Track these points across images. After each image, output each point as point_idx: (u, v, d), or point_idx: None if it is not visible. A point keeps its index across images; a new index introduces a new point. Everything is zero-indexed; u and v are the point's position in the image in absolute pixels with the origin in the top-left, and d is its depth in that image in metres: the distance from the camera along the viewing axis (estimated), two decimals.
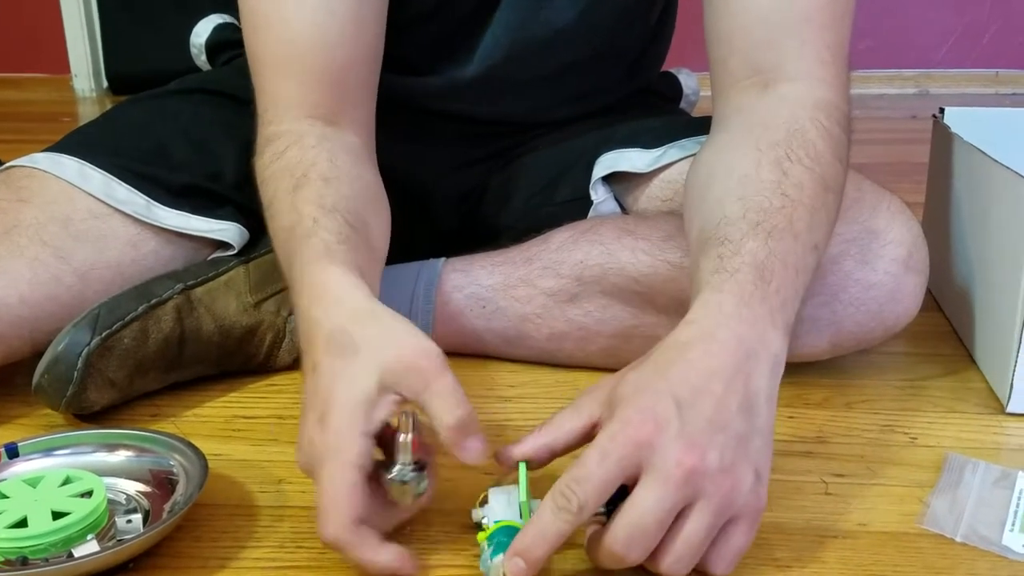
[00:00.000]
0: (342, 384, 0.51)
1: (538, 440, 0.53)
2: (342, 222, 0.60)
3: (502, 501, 0.53)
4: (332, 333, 0.53)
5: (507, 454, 0.54)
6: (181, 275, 0.74)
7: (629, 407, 0.48)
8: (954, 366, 0.79)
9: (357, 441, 0.50)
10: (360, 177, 0.66)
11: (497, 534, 0.51)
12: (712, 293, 0.53)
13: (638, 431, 0.47)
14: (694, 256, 0.59)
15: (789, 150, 0.59)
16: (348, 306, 0.55)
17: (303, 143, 0.65)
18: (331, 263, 0.56)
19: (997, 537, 0.56)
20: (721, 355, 0.50)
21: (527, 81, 0.83)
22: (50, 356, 0.68)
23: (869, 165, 0.74)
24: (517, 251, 0.79)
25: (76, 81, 2.47)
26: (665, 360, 0.51)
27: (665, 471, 0.47)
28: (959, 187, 0.85)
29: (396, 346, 0.52)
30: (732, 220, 0.56)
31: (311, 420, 0.52)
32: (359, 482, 0.49)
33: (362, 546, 0.49)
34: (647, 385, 0.49)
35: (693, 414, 0.48)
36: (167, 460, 0.60)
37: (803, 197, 0.57)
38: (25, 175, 0.76)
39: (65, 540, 0.52)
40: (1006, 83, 2.34)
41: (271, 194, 0.64)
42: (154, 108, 0.86)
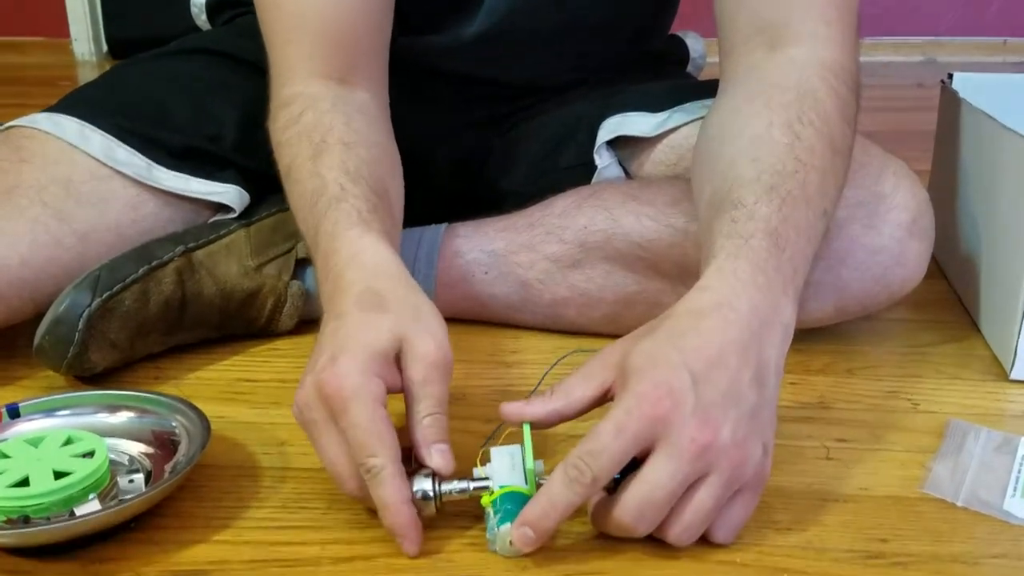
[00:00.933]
0: (366, 330, 0.52)
1: (548, 405, 0.53)
2: (368, 190, 0.60)
3: (505, 463, 0.52)
4: (365, 290, 0.54)
5: (515, 413, 0.53)
6: (182, 237, 0.74)
7: (644, 380, 0.48)
8: (958, 333, 0.79)
9: (376, 381, 0.50)
10: (377, 142, 0.66)
11: (503, 501, 0.50)
12: (727, 259, 0.52)
13: (654, 407, 0.47)
14: (705, 218, 0.58)
15: (800, 112, 0.59)
16: (384, 272, 0.56)
17: (318, 107, 0.65)
18: (367, 231, 0.57)
19: (998, 502, 0.56)
20: (736, 325, 0.50)
21: (531, 42, 0.82)
22: (51, 317, 0.68)
23: (875, 133, 0.73)
24: (520, 216, 0.78)
25: (76, 45, 2.45)
26: (680, 329, 0.50)
27: (680, 447, 0.47)
28: (966, 153, 0.84)
29: (422, 326, 0.53)
30: (745, 182, 0.56)
31: (322, 360, 0.51)
32: (390, 420, 0.50)
33: (402, 485, 0.49)
34: (662, 357, 0.49)
35: (708, 388, 0.48)
36: (169, 421, 0.60)
37: (814, 161, 0.57)
38: (25, 135, 0.76)
39: (67, 499, 0.53)
40: (1014, 51, 2.32)
41: (289, 160, 0.64)
42: (154, 69, 0.85)
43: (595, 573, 0.50)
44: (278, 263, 0.76)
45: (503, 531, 0.49)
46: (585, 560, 0.51)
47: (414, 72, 0.84)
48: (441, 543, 0.52)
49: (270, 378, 0.72)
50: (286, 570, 0.51)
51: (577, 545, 0.52)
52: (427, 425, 0.51)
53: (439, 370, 0.52)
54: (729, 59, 0.67)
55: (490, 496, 0.51)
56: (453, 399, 0.69)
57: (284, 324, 0.78)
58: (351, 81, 0.68)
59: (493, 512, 0.50)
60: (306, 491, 0.57)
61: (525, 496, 0.50)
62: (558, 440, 0.62)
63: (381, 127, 0.68)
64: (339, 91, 0.67)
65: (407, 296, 0.55)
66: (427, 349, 0.52)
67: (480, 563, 0.51)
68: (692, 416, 0.47)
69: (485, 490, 0.52)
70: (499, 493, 0.51)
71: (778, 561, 0.51)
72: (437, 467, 0.51)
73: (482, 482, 0.52)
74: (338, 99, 0.66)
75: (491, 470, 0.52)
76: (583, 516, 0.54)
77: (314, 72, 0.67)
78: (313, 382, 0.51)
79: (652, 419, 0.47)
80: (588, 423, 0.51)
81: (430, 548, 0.52)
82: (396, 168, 0.68)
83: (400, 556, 0.51)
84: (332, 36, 0.67)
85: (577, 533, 0.53)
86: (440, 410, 0.52)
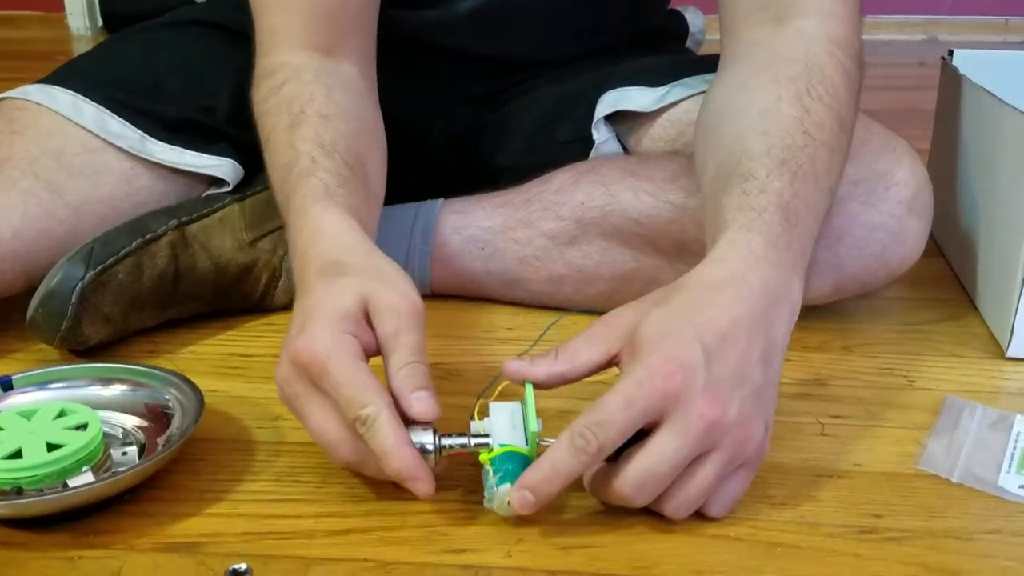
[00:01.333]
0: (328, 297, 0.51)
1: (553, 368, 0.51)
2: (341, 163, 0.59)
3: (504, 421, 0.52)
4: (327, 262, 0.54)
5: (518, 371, 0.52)
6: (175, 211, 0.73)
7: (656, 353, 0.47)
8: (955, 311, 0.79)
9: (348, 338, 0.50)
10: (358, 115, 0.65)
11: (503, 460, 0.50)
12: (741, 232, 0.52)
13: (665, 382, 0.46)
14: (712, 191, 0.57)
15: (809, 85, 0.58)
16: (346, 243, 0.55)
17: (300, 77, 0.64)
18: (331, 205, 0.56)
19: (993, 478, 0.56)
20: (749, 302, 0.49)
21: (527, 16, 0.81)
22: (44, 290, 0.67)
23: (876, 111, 0.72)
24: (517, 192, 0.78)
25: (71, 19, 2.43)
26: (693, 302, 0.49)
27: (687, 423, 0.47)
28: (966, 130, 0.83)
29: (388, 286, 0.52)
30: (756, 155, 0.55)
31: (291, 334, 0.51)
32: (371, 371, 0.49)
33: (400, 428, 0.48)
34: (674, 330, 0.48)
35: (718, 365, 0.47)
36: (163, 394, 0.60)
37: (823, 137, 0.56)
38: (18, 107, 0.75)
39: (60, 471, 0.52)
40: (1016, 31, 2.30)
41: (268, 130, 0.64)
42: (148, 41, 0.84)
43: (591, 547, 0.50)
44: (273, 237, 0.76)
45: (502, 491, 0.49)
46: (581, 534, 0.51)
47: (409, 47, 0.83)
48: (435, 516, 0.52)
49: (264, 353, 0.72)
50: (280, 543, 0.51)
51: (573, 519, 0.52)
52: (404, 375, 0.50)
53: (408, 319, 0.51)
54: (731, 34, 0.66)
55: (489, 453, 0.50)
56: (448, 375, 0.69)
57: (279, 299, 0.77)
58: (337, 53, 0.67)
59: (492, 471, 0.50)
60: (300, 465, 0.57)
61: (525, 457, 0.50)
62: (550, 416, 0.62)
63: (365, 101, 0.68)
64: (324, 63, 0.66)
65: (368, 259, 0.54)
66: (392, 301, 0.52)
67: (475, 536, 0.51)
68: (702, 393, 0.47)
69: (485, 447, 0.51)
70: (499, 452, 0.50)
71: (772, 536, 0.51)
72: (419, 415, 0.50)
73: (482, 438, 0.51)
74: (322, 71, 0.65)
75: (490, 426, 0.52)
76: (581, 489, 0.54)
77: (300, 43, 0.66)
78: (287, 356, 0.51)
79: (663, 393, 0.46)
80: (583, 403, 0.51)
81: (424, 521, 0.52)
82: (377, 142, 0.67)
83: (394, 529, 0.52)
84: (319, 7, 0.66)
85: (574, 507, 0.53)
86: (416, 358, 0.51)
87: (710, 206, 0.56)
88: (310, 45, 0.66)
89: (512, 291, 0.78)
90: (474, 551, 0.50)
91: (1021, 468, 0.56)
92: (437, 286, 0.79)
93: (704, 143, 0.63)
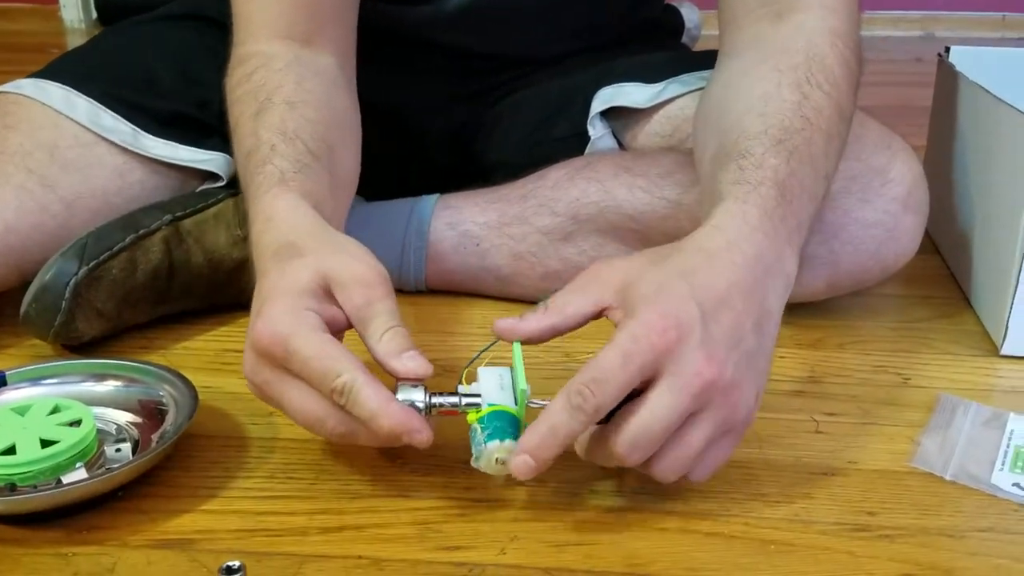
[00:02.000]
0: (284, 278, 0.50)
1: (543, 321, 0.50)
2: (302, 149, 0.58)
3: (494, 383, 0.51)
4: (280, 247, 0.52)
5: (509, 328, 0.51)
6: (169, 206, 0.73)
7: (653, 310, 0.47)
8: (949, 309, 0.79)
9: (307, 314, 0.49)
10: (329, 103, 0.64)
11: (491, 419, 0.49)
12: (736, 203, 0.52)
13: (662, 337, 0.46)
14: (709, 172, 0.57)
15: (809, 73, 0.58)
16: (299, 226, 0.54)
17: (271, 65, 0.64)
18: (284, 191, 0.55)
19: (986, 476, 0.56)
20: (744, 268, 0.49)
21: (521, 12, 0.81)
22: (37, 285, 0.67)
23: (873, 107, 0.72)
24: (512, 188, 0.77)
25: (64, 11, 2.42)
26: (690, 265, 0.49)
27: (683, 380, 0.46)
28: (962, 127, 0.83)
29: (345, 255, 0.51)
30: (753, 135, 0.55)
31: (251, 320, 0.50)
32: (334, 339, 0.48)
33: (379, 387, 0.47)
34: (671, 288, 0.48)
35: (715, 326, 0.47)
36: (156, 391, 0.60)
37: (821, 122, 0.56)
38: (10, 101, 0.75)
39: (54, 468, 0.52)
40: (1013, 27, 2.30)
41: (235, 118, 0.63)
42: (141, 34, 0.84)
43: (585, 544, 0.50)
44: None
45: (491, 447, 0.48)
46: (575, 531, 0.51)
47: (405, 43, 0.82)
48: (429, 513, 0.52)
49: None
50: (273, 540, 0.51)
51: (567, 516, 0.52)
52: (388, 340, 0.49)
53: (377, 287, 0.50)
54: (732, 30, 0.66)
55: (477, 413, 0.50)
56: (443, 371, 0.68)
57: None
58: (315, 43, 0.66)
59: (480, 429, 0.49)
60: (294, 461, 0.57)
61: (513, 415, 0.50)
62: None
63: (339, 90, 0.67)
64: (300, 52, 0.65)
65: (323, 237, 0.53)
66: (356, 271, 0.50)
67: (469, 533, 0.51)
68: (697, 350, 0.46)
69: (475, 406, 0.50)
70: (487, 411, 0.49)
71: (766, 533, 0.51)
72: (414, 372, 0.49)
73: (473, 398, 0.50)
74: (295, 59, 0.64)
75: (480, 387, 0.51)
76: (575, 486, 0.54)
77: (277, 32, 0.66)
78: (249, 344, 0.50)
79: (659, 350, 0.46)
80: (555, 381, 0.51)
81: (418, 519, 0.52)
82: (349, 130, 0.66)
83: (388, 527, 0.51)
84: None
85: (567, 504, 0.53)
86: (395, 322, 0.50)
87: (707, 183, 0.56)
88: (287, 34, 0.66)
89: (507, 287, 0.78)
90: (468, 548, 0.50)
91: (1014, 466, 0.57)
92: (432, 282, 0.79)
93: (704, 130, 0.63)
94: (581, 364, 0.50)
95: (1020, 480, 0.55)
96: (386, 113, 0.86)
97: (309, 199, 0.55)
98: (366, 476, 0.55)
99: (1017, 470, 0.56)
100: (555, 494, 0.54)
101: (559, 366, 0.69)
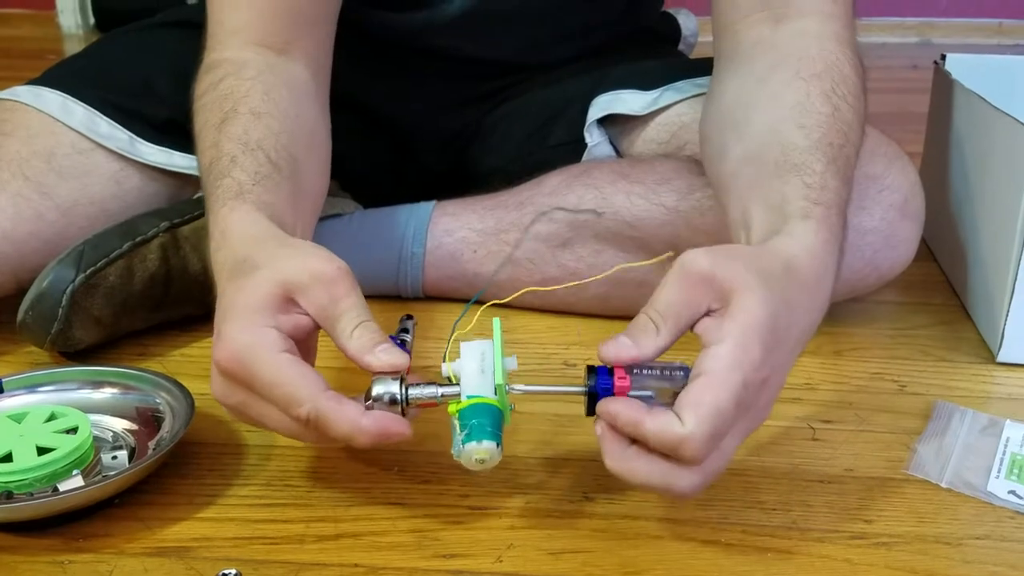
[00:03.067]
0: (240, 295, 0.48)
1: (659, 342, 0.46)
2: (263, 160, 0.56)
3: (474, 364, 0.49)
4: (235, 263, 0.51)
5: (622, 355, 0.46)
6: (166, 213, 0.73)
7: (758, 348, 0.44)
8: (946, 316, 0.79)
9: (265, 331, 0.47)
10: (298, 115, 0.62)
11: (470, 414, 0.47)
12: (822, 227, 0.50)
13: (757, 374, 0.45)
14: (751, 175, 0.55)
15: (834, 84, 0.58)
16: (251, 239, 0.52)
17: (241, 74, 0.62)
18: (239, 204, 0.53)
19: (982, 484, 0.56)
20: (823, 308, 0.50)
21: (517, 18, 0.81)
22: (34, 293, 0.67)
23: (870, 114, 0.72)
24: (509, 195, 0.78)
25: (61, 17, 2.42)
26: (792, 295, 0.47)
27: (756, 414, 0.47)
28: (958, 134, 0.84)
29: (301, 257, 0.49)
30: (804, 148, 0.54)
31: (213, 342, 0.48)
32: (298, 358, 0.47)
33: (345, 408, 0.46)
34: (776, 326, 0.45)
35: (791, 363, 0.48)
36: (153, 398, 0.60)
37: (854, 139, 0.56)
38: (7, 108, 0.75)
39: (50, 475, 0.52)
40: (1009, 33, 2.31)
41: (199, 127, 0.61)
42: (138, 41, 0.84)
43: (581, 552, 0.50)
44: None
45: (468, 449, 0.47)
46: (571, 539, 0.51)
47: (401, 50, 0.83)
48: (426, 521, 0.52)
49: None
50: (270, 547, 0.51)
51: (564, 524, 0.52)
52: (359, 336, 0.48)
53: (339, 284, 0.49)
54: (728, 34, 0.66)
55: (457, 405, 0.48)
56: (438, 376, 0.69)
57: None
58: (289, 52, 0.65)
59: (460, 426, 0.47)
60: (291, 469, 0.57)
61: (494, 407, 0.48)
62: (523, 419, 0.62)
63: (309, 101, 0.65)
64: (272, 60, 0.64)
65: (277, 246, 0.51)
66: (315, 271, 0.48)
67: (466, 541, 0.51)
68: (774, 391, 0.47)
69: (455, 397, 0.48)
70: (466, 404, 0.47)
71: (763, 541, 0.51)
72: (390, 365, 0.48)
73: (452, 388, 0.48)
74: (267, 68, 0.63)
75: (459, 368, 0.49)
76: (570, 494, 0.54)
77: (250, 39, 0.64)
78: (214, 367, 0.49)
79: (753, 388, 0.45)
80: None
81: (414, 526, 0.52)
82: (316, 140, 0.64)
83: (385, 534, 0.51)
84: (273, 4, 0.64)
85: (564, 512, 0.53)
86: (364, 317, 0.49)
87: (753, 187, 0.54)
88: (260, 42, 0.64)
89: (505, 293, 0.78)
90: (465, 556, 0.50)
91: (1010, 473, 0.57)
92: (429, 288, 0.79)
93: (720, 134, 0.62)
94: (580, 371, 0.50)
95: (1016, 488, 0.55)
96: (382, 119, 0.86)
97: (265, 210, 0.54)
98: (363, 484, 0.55)
99: (1013, 478, 0.56)
100: (552, 502, 0.54)
101: (556, 372, 0.69)
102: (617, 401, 0.46)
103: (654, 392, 0.47)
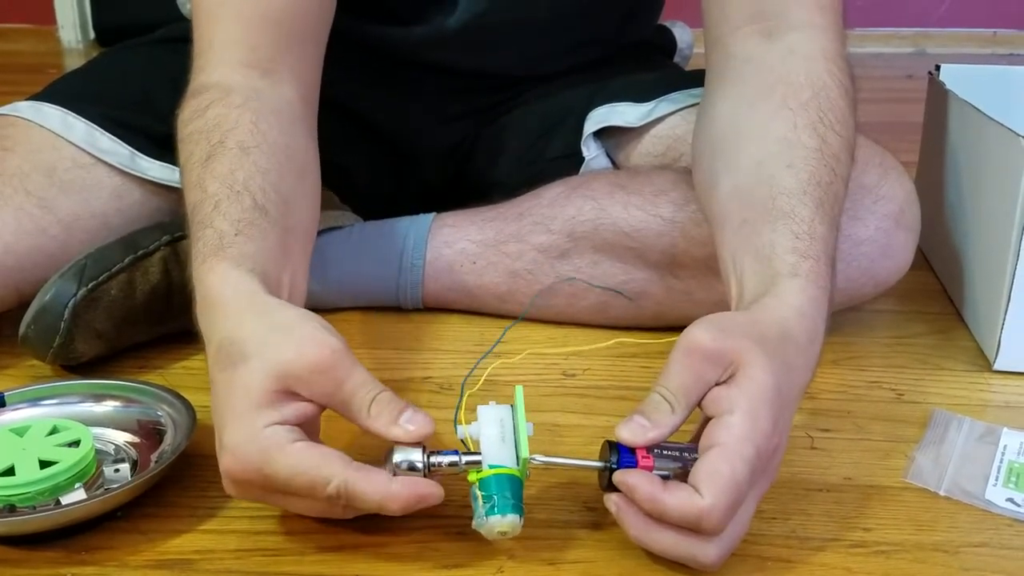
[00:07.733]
0: (235, 393, 0.47)
1: (675, 420, 0.48)
2: (248, 205, 0.54)
3: (494, 430, 0.48)
4: (220, 345, 0.49)
5: (640, 439, 0.48)
6: (168, 227, 0.73)
7: (767, 419, 0.47)
8: (942, 324, 0.80)
9: (270, 432, 0.46)
10: (287, 146, 0.60)
11: (492, 485, 0.48)
12: (810, 285, 0.51)
13: (768, 442, 0.47)
14: (740, 215, 0.56)
15: (821, 113, 0.58)
16: (233, 308, 0.50)
17: (228, 101, 0.60)
18: (219, 262, 0.51)
19: (980, 491, 0.56)
20: (814, 367, 0.52)
21: (515, 32, 0.82)
22: (36, 307, 0.67)
23: (864, 124, 0.72)
24: (508, 206, 0.78)
25: (62, 32, 2.43)
26: (790, 358, 0.49)
27: (768, 478, 0.49)
28: (953, 144, 0.84)
29: (295, 344, 0.47)
30: (792, 192, 0.55)
31: (216, 446, 0.48)
32: (309, 442, 0.47)
33: (373, 477, 0.46)
34: (777, 394, 0.47)
35: (789, 411, 0.50)
36: (155, 411, 0.60)
37: (840, 170, 0.57)
38: (8, 124, 0.75)
39: (53, 488, 0.52)
40: (1004, 43, 2.32)
41: (184, 158, 0.59)
42: (139, 57, 0.84)
43: (581, 562, 0.50)
44: None
45: (492, 522, 0.47)
46: (572, 549, 0.51)
47: (396, 63, 0.83)
48: (427, 532, 0.53)
49: None
50: (272, 559, 0.51)
51: (564, 535, 0.52)
52: (377, 412, 0.48)
53: (338, 368, 0.47)
54: (719, 48, 0.66)
55: (478, 474, 0.48)
56: (440, 390, 0.69)
57: None
58: (277, 72, 0.63)
59: (482, 498, 0.48)
60: None
61: (516, 478, 0.48)
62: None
63: (298, 128, 0.63)
64: (259, 84, 0.62)
65: (263, 321, 0.49)
66: (309, 360, 0.47)
67: (467, 552, 0.51)
68: (780, 454, 0.49)
69: (476, 464, 0.48)
70: (488, 473, 0.48)
71: (762, 550, 0.51)
72: (417, 435, 0.48)
73: (474, 456, 0.48)
74: (253, 94, 0.61)
75: (477, 433, 0.49)
76: (570, 504, 0.55)
77: (237, 60, 0.62)
78: (224, 473, 0.48)
79: (765, 457, 0.47)
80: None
81: (416, 537, 0.52)
82: (306, 173, 0.62)
83: (386, 545, 0.52)
84: (261, 19, 0.63)
85: (564, 522, 0.53)
86: (376, 390, 0.48)
87: (739, 233, 0.56)
88: (247, 62, 0.62)
89: (504, 304, 0.78)
90: (465, 567, 0.50)
91: (1008, 481, 0.57)
92: (429, 300, 0.80)
93: (710, 161, 0.62)
94: (579, 382, 0.50)
95: (1014, 495, 0.56)
96: (381, 132, 0.87)
97: (246, 264, 0.52)
98: None
99: (1011, 485, 0.57)
100: (552, 512, 0.54)
101: (555, 383, 0.70)
102: (634, 474, 0.47)
103: (670, 473, 0.48)
